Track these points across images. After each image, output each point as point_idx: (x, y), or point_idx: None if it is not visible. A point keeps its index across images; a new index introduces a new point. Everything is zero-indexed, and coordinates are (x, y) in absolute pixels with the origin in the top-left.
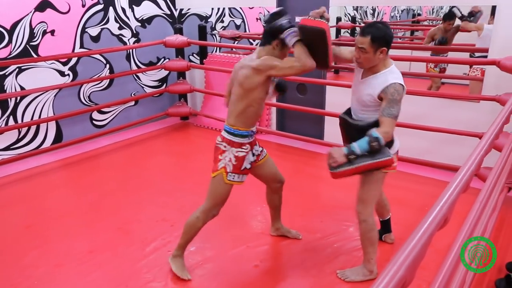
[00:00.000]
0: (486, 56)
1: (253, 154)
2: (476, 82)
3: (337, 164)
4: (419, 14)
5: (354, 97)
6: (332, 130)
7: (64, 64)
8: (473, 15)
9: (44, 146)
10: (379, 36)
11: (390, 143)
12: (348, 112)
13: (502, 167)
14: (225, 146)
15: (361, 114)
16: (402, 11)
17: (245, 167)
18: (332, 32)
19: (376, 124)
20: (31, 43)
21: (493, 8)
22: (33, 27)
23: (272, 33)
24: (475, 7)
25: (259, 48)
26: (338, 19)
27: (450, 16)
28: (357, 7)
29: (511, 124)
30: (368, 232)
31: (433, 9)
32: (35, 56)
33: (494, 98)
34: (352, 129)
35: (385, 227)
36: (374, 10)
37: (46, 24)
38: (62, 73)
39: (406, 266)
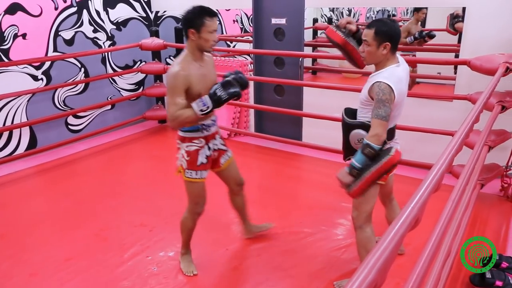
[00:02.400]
0: None
1: (209, 148)
2: None
3: (345, 184)
4: (393, 15)
5: None
6: (310, 131)
7: (37, 68)
8: (458, 16)
9: (17, 152)
10: (383, 30)
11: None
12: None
13: (474, 165)
14: (178, 143)
15: (359, 112)
16: (377, 12)
17: (201, 162)
18: (309, 33)
19: (362, 126)
20: (1, 47)
21: (464, 9)
22: (3, 30)
23: (185, 25)
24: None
25: (186, 44)
26: (315, 20)
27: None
28: (333, 8)
29: (482, 122)
30: (363, 240)
31: (407, 10)
32: (6, 60)
33: (465, 97)
34: (344, 128)
35: None
36: (350, 11)
37: (17, 27)
38: (35, 78)
39: (377, 269)
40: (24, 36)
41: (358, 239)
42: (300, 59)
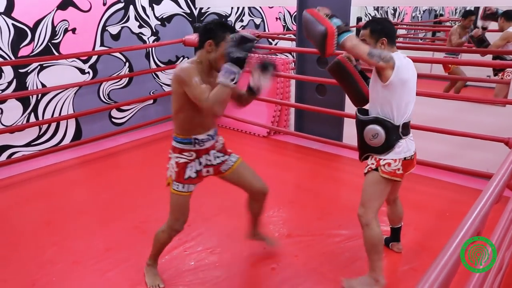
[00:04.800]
0: None
1: (201, 163)
2: (502, 85)
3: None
4: (441, 15)
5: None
6: (351, 132)
7: (85, 62)
8: (480, 40)
9: (63, 143)
10: (378, 27)
11: (390, 143)
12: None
13: None
14: (170, 153)
15: (371, 110)
16: (423, 11)
17: (189, 176)
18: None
19: (376, 121)
20: (52, 41)
21: None
22: (55, 25)
23: (203, 34)
24: (476, 32)
25: (196, 53)
26: (359, 19)
27: (469, 13)
28: (378, 7)
29: None
30: (371, 237)
31: (456, 10)
32: (56, 54)
33: None
34: (359, 126)
35: (394, 235)
36: (395, 10)
37: (68, 22)
38: (82, 71)
39: (439, 283)
40: (73, 30)
41: (366, 237)
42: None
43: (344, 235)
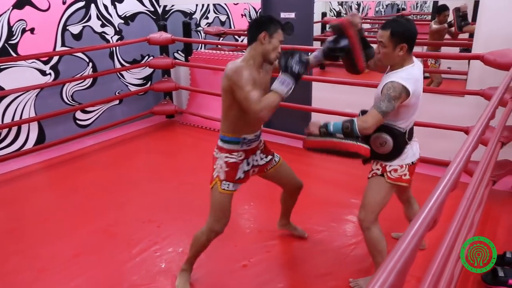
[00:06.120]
0: None
1: (248, 164)
2: None
3: (309, 132)
4: (403, 9)
5: None
6: None
7: (45, 63)
8: (465, 16)
9: (26, 147)
10: (399, 31)
11: (398, 151)
12: None
13: (488, 162)
14: (216, 153)
15: None
16: (386, 6)
17: (239, 177)
18: (317, 28)
19: (382, 128)
20: (9, 42)
21: (476, 3)
22: (11, 25)
23: (256, 27)
24: (464, 7)
25: (248, 48)
26: (324, 14)
27: (442, 8)
28: (342, 2)
29: (496, 119)
30: (372, 240)
31: (417, 4)
32: (14, 55)
33: (478, 93)
34: None
35: None
36: (359, 5)
37: (25, 22)
38: (43, 72)
39: (396, 271)
40: (32, 30)
41: (367, 241)
42: (310, 54)
43: (315, 229)
